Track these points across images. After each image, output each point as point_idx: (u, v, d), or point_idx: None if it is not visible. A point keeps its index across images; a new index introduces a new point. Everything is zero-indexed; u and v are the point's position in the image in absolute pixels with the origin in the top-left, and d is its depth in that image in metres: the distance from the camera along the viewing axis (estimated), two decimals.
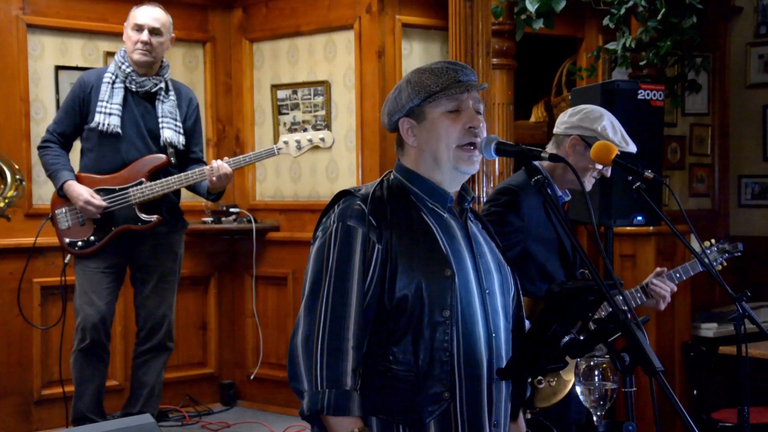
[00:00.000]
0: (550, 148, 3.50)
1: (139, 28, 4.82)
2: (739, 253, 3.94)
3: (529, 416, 3.18)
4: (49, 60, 5.70)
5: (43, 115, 5.65)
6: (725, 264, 3.91)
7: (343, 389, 2.33)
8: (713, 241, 3.91)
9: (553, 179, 3.42)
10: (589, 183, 3.47)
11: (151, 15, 4.86)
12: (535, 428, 3.21)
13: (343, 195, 2.49)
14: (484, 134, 2.47)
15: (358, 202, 2.44)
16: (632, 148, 3.45)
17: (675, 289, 3.72)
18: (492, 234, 2.62)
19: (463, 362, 2.39)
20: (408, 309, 2.37)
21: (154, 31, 4.83)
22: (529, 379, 2.77)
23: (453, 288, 2.39)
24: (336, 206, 2.47)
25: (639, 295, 3.70)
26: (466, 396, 2.40)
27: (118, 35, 5.25)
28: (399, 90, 2.51)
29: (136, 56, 4.82)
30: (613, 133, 3.40)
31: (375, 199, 2.45)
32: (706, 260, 3.42)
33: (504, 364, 2.47)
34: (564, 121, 3.49)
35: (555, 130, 3.53)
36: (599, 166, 3.40)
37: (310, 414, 2.37)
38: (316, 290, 2.40)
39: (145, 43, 4.80)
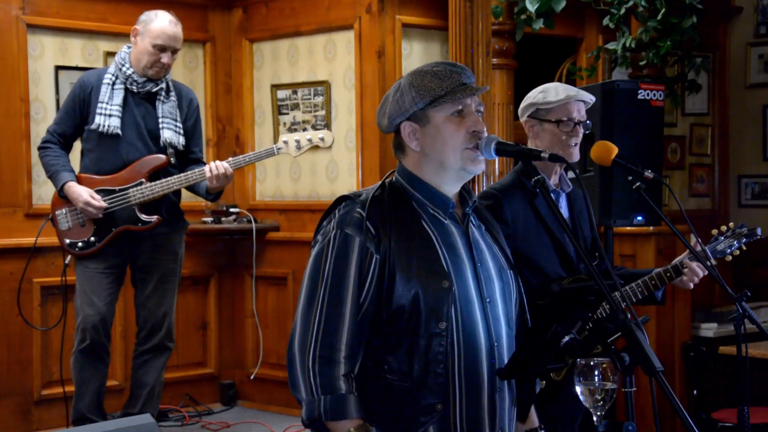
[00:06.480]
0: (530, 143, 3.44)
1: (162, 49, 4.78)
2: (758, 236, 3.69)
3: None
4: (49, 60, 5.70)
5: (43, 115, 5.65)
6: (744, 248, 3.69)
7: (338, 393, 2.33)
8: (731, 225, 3.69)
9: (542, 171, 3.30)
10: (575, 153, 3.37)
11: (175, 35, 4.82)
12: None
13: (344, 200, 2.47)
14: (486, 135, 2.46)
15: (358, 209, 2.42)
16: (586, 96, 3.36)
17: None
18: (495, 236, 2.59)
19: (463, 373, 2.38)
20: (404, 319, 2.36)
21: (174, 51, 4.83)
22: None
23: (450, 299, 2.37)
24: (336, 211, 2.45)
25: (668, 275, 3.51)
26: (466, 407, 2.38)
27: (118, 35, 5.25)
28: (401, 93, 2.47)
29: (152, 72, 4.80)
30: (555, 94, 3.35)
31: (374, 207, 2.42)
32: (708, 263, 3.40)
33: None
34: (519, 113, 3.47)
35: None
36: (566, 129, 3.33)
37: (310, 421, 2.37)
38: (311, 297, 2.40)
39: (165, 64, 4.80)
